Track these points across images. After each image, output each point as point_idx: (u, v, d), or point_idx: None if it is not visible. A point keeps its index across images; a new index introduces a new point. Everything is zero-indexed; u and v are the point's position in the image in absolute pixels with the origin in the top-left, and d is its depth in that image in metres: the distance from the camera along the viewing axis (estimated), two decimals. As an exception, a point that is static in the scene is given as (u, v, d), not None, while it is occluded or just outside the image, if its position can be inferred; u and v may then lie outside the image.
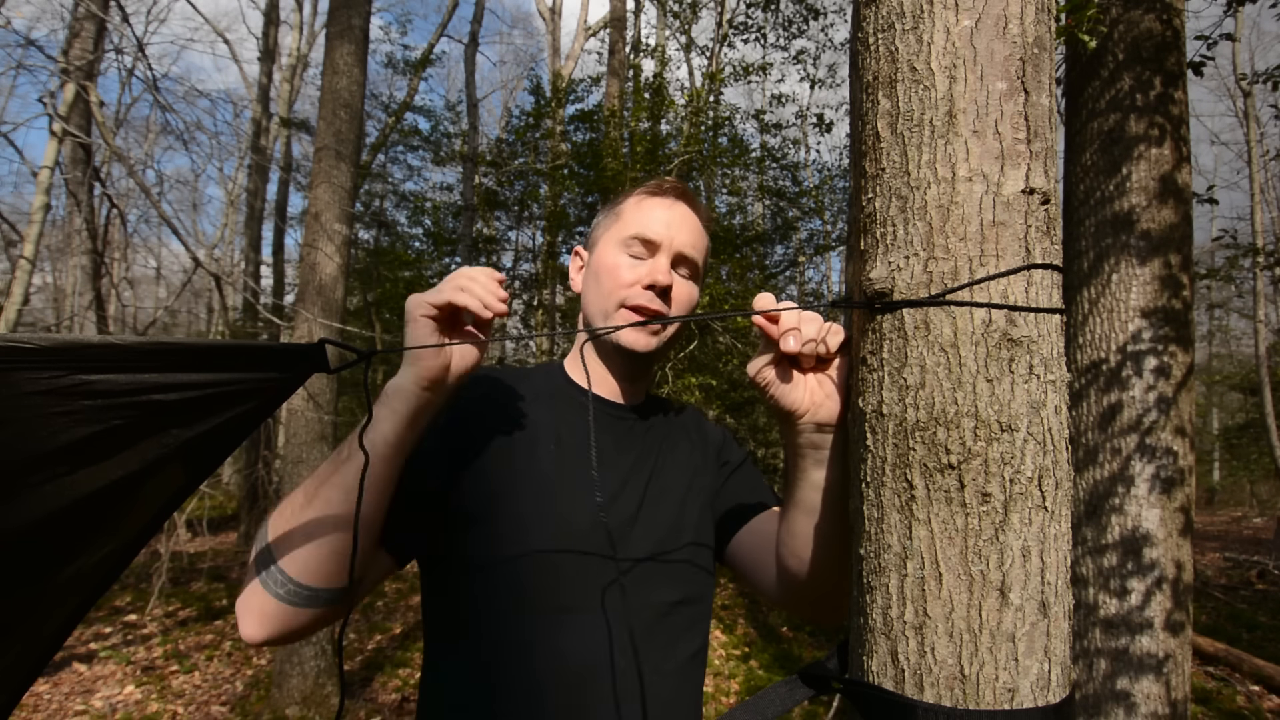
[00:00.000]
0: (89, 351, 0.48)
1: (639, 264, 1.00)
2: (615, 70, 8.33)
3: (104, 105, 5.54)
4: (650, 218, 1.01)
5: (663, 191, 1.05)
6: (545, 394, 1.02)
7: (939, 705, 0.55)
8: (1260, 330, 13.18)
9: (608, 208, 1.10)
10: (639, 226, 1.01)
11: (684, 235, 1.02)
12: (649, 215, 1.01)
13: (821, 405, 0.75)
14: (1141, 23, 2.49)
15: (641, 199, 1.05)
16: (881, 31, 0.61)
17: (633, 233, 1.00)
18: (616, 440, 1.00)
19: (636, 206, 1.04)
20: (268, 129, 11.82)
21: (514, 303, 11.26)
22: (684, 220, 1.03)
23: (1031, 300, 0.57)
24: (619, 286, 0.98)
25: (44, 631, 0.55)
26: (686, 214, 1.04)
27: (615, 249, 1.01)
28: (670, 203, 1.04)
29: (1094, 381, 2.48)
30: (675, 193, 1.06)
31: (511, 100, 21.46)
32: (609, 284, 0.99)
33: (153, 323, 6.95)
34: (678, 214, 1.03)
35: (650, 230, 1.00)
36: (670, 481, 1.01)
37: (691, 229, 1.04)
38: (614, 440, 1.00)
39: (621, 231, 1.02)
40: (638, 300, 0.97)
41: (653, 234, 1.00)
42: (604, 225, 1.07)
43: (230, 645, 5.91)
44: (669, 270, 0.99)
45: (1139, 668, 2.29)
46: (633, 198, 1.06)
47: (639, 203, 1.04)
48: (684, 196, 1.07)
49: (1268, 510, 14.87)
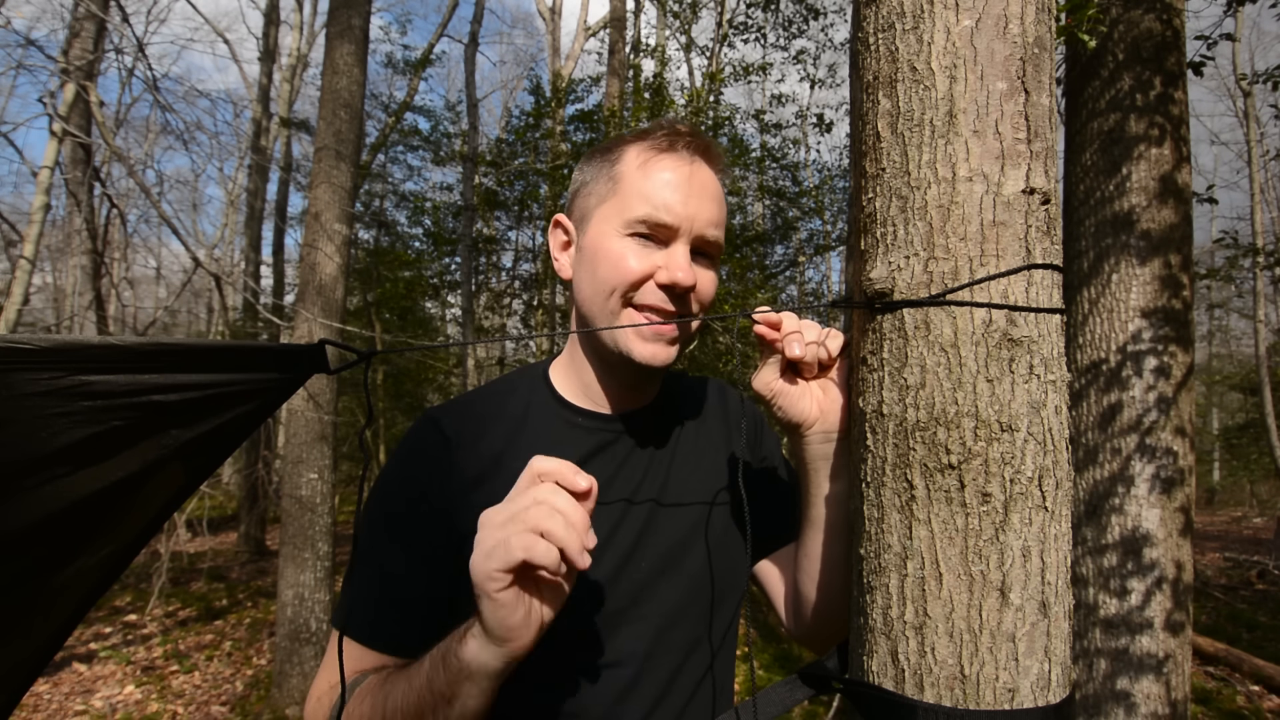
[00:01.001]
0: (89, 352, 0.48)
1: (650, 252, 0.80)
2: (615, 70, 8.33)
3: (104, 105, 5.54)
4: (662, 192, 0.79)
5: (675, 147, 0.82)
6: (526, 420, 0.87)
7: (939, 705, 0.55)
8: (1260, 330, 13.17)
9: (597, 162, 0.86)
10: (648, 206, 0.79)
11: (706, 210, 0.80)
12: (660, 188, 0.79)
13: (830, 412, 0.73)
14: (1141, 23, 2.49)
15: (648, 158, 0.81)
16: (882, 31, 0.61)
17: (640, 215, 0.79)
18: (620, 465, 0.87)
19: (642, 171, 0.81)
20: (268, 129, 11.82)
21: (514, 303, 11.26)
22: (704, 188, 0.81)
23: (1032, 300, 0.57)
24: (625, 281, 0.79)
25: (44, 632, 0.55)
26: (707, 178, 0.82)
27: (616, 230, 0.80)
28: (686, 162, 0.81)
29: (1094, 381, 2.48)
30: (692, 147, 0.83)
31: (511, 100, 21.47)
32: (612, 276, 0.80)
33: (153, 323, 6.95)
34: (697, 181, 0.81)
35: (664, 212, 0.78)
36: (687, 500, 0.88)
37: (714, 197, 0.82)
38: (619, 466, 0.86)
39: (624, 209, 0.80)
40: (650, 300, 0.79)
41: (668, 216, 0.78)
42: (595, 191, 0.84)
43: (230, 645, 5.91)
44: (689, 263, 0.79)
45: (1139, 668, 2.29)
46: (633, 153, 0.83)
47: (645, 165, 0.81)
48: (703, 151, 0.83)
49: (1268, 510, 14.87)
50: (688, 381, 1.01)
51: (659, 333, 0.80)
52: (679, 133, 0.83)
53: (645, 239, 0.80)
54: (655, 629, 0.83)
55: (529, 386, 0.90)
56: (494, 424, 0.86)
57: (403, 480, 0.83)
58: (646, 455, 0.89)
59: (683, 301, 0.81)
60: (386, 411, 11.01)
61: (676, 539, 0.87)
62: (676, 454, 0.91)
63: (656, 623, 0.83)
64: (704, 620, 0.87)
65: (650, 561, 0.84)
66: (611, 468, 0.86)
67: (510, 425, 0.86)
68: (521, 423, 0.86)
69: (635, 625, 0.82)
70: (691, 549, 0.87)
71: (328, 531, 4.68)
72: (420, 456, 0.83)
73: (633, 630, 0.82)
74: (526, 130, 10.24)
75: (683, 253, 0.79)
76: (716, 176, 0.85)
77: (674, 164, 0.81)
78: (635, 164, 0.82)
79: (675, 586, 0.85)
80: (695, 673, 0.86)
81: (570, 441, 0.86)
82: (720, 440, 0.96)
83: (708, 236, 0.81)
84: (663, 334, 0.80)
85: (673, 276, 0.78)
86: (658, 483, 0.88)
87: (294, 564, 4.55)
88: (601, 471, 0.84)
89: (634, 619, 0.82)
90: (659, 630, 0.83)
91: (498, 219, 11.41)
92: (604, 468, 0.85)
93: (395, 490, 0.83)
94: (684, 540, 0.87)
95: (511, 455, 0.82)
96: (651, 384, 0.91)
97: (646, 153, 0.82)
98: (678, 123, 0.85)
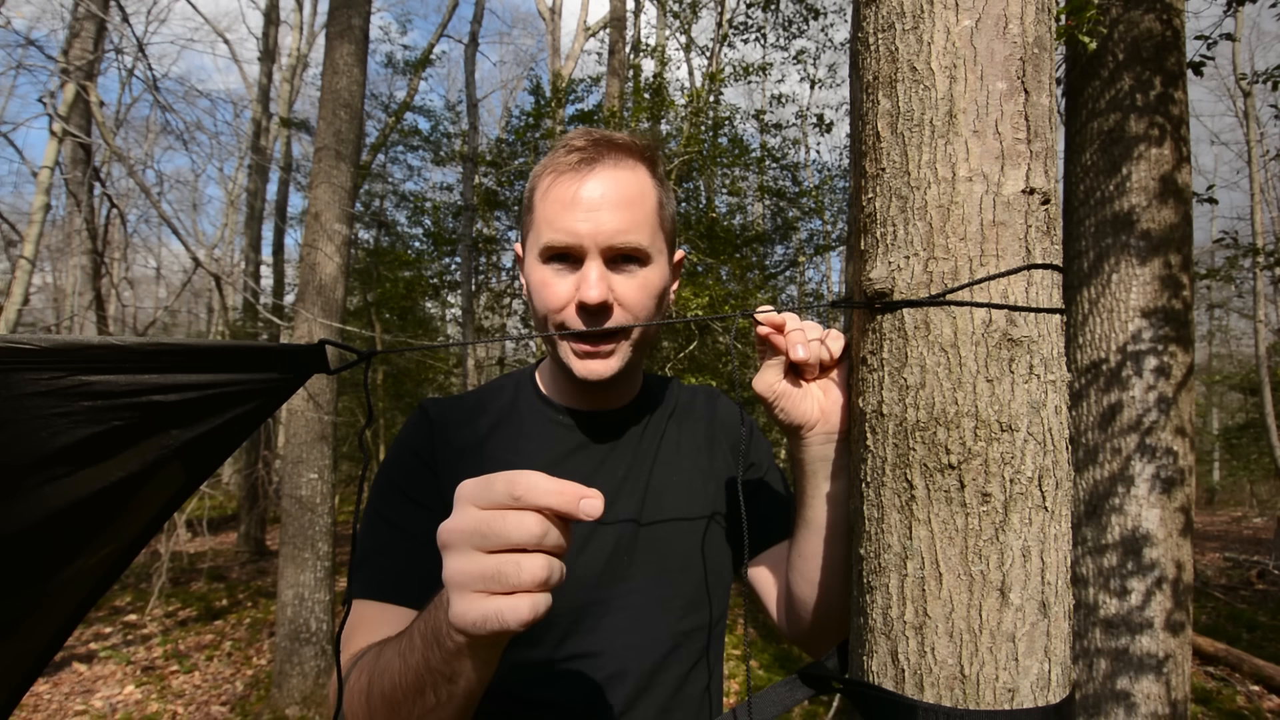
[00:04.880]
0: (89, 352, 0.48)
1: (567, 276, 0.81)
2: (615, 70, 8.33)
3: (104, 105, 5.54)
4: (560, 217, 0.79)
5: (573, 164, 0.80)
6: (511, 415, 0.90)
7: (939, 705, 0.55)
8: (1260, 330, 13.18)
9: (528, 188, 0.87)
10: (550, 232, 0.79)
11: (610, 220, 0.78)
12: (558, 212, 0.79)
13: (831, 413, 0.73)
14: (1141, 23, 2.49)
15: (549, 183, 0.81)
16: (881, 31, 0.61)
17: (544, 242, 0.80)
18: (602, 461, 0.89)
19: (545, 198, 0.81)
20: (268, 129, 11.82)
21: (514, 303, 11.26)
22: (606, 195, 0.79)
23: (1031, 300, 0.57)
24: (551, 310, 0.81)
25: (44, 632, 0.55)
26: (609, 183, 0.80)
27: (536, 260, 0.82)
28: (583, 175, 0.79)
29: (1094, 381, 2.48)
30: (588, 154, 0.80)
31: (511, 100, 21.48)
32: (540, 306, 0.82)
33: (153, 323, 6.95)
34: (597, 191, 0.79)
35: (564, 234, 0.78)
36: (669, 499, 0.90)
37: (620, 200, 0.79)
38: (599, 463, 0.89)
39: (537, 239, 0.81)
40: (573, 324, 0.80)
41: (569, 238, 0.78)
42: (523, 221, 0.87)
43: (230, 645, 5.91)
44: (600, 278, 0.79)
45: (1139, 668, 2.29)
46: (541, 179, 0.83)
47: (546, 191, 0.81)
48: (602, 151, 0.81)
49: (1268, 510, 14.87)
50: (677, 385, 1.03)
51: (589, 351, 0.81)
52: (573, 146, 0.82)
53: (561, 262, 0.81)
54: (637, 624, 0.85)
55: (515, 385, 0.95)
56: (481, 416, 0.90)
57: (407, 451, 0.87)
58: (629, 453, 0.91)
59: (600, 316, 0.80)
60: (386, 411, 11.01)
61: (658, 535, 0.88)
62: (660, 452, 0.93)
63: (638, 617, 0.85)
64: (687, 617, 0.89)
65: (632, 556, 0.86)
66: (593, 464, 0.89)
67: (496, 418, 0.90)
68: (507, 416, 0.91)
69: (616, 619, 0.84)
70: (674, 545, 0.89)
71: (328, 531, 4.68)
72: (418, 431, 0.88)
73: (614, 624, 0.84)
74: (526, 130, 10.24)
75: (594, 269, 0.79)
76: (626, 174, 0.81)
77: (569, 183, 0.79)
78: (541, 191, 0.82)
79: (658, 582, 0.87)
80: (679, 669, 0.87)
81: (553, 437, 0.89)
82: (704, 441, 0.97)
83: (615, 245, 0.79)
84: (593, 351, 0.81)
85: (584, 296, 0.78)
86: (640, 480, 0.90)
87: (294, 564, 4.55)
88: (583, 467, 0.88)
89: (615, 613, 0.84)
90: (641, 625, 0.85)
91: (498, 219, 11.41)
92: (586, 464, 0.89)
93: (402, 461, 0.87)
94: (666, 536, 0.89)
95: (495, 444, 0.87)
96: (616, 388, 0.91)
97: (548, 177, 0.82)
98: (577, 134, 0.84)
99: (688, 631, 0.88)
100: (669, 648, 0.86)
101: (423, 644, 0.59)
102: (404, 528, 0.82)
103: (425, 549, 0.79)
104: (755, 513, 0.92)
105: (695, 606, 0.89)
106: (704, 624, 0.90)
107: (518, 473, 0.51)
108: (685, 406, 1.00)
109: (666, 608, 0.87)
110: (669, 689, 0.86)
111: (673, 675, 0.86)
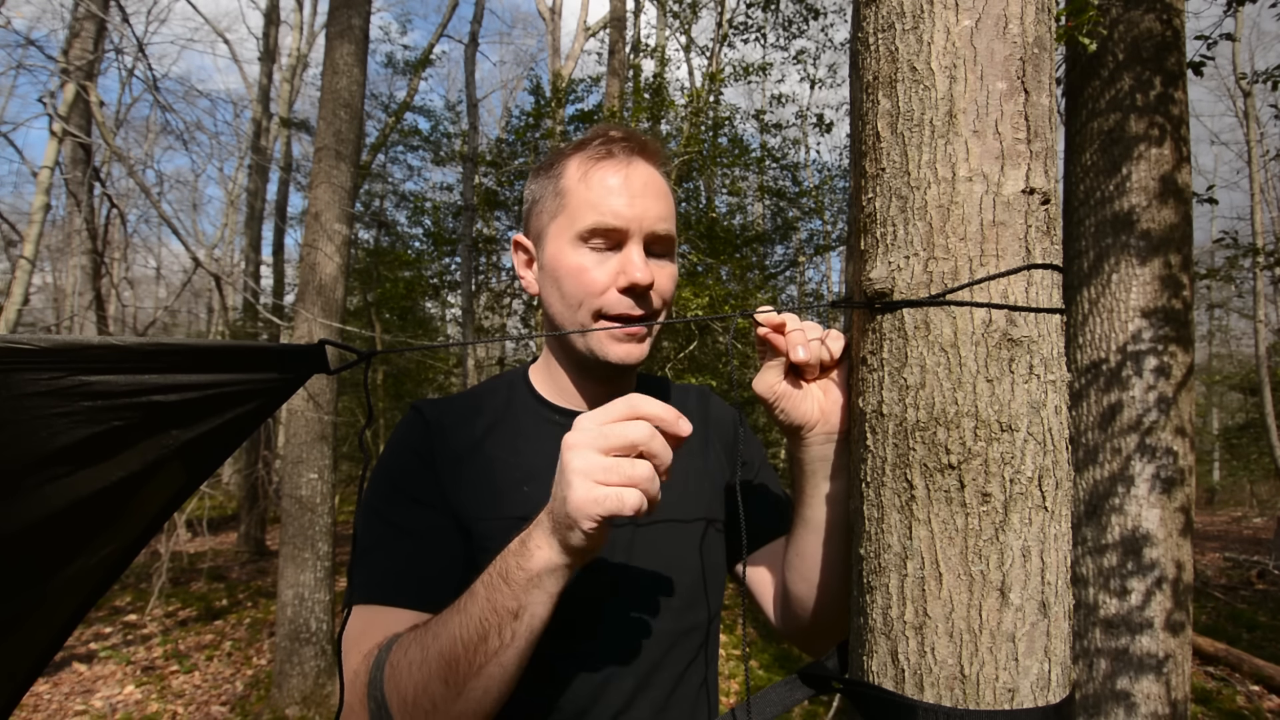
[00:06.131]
0: (89, 352, 0.48)
1: (606, 259, 0.82)
2: (615, 70, 8.32)
3: (104, 105, 5.54)
4: (607, 199, 0.81)
5: (612, 153, 0.83)
6: (505, 415, 0.90)
7: (939, 705, 0.55)
8: (1260, 330, 13.18)
9: (543, 179, 0.88)
10: (595, 214, 0.81)
11: (653, 207, 0.82)
12: (604, 194, 0.81)
13: (831, 413, 0.73)
14: (1141, 23, 2.49)
15: (588, 167, 0.83)
16: (881, 31, 0.61)
17: (589, 224, 0.81)
18: None
19: (584, 182, 0.83)
20: (268, 129, 11.82)
21: (514, 303, 11.26)
22: (647, 185, 0.83)
23: (1031, 300, 0.57)
24: (590, 294, 0.82)
25: (44, 632, 0.55)
26: (649, 175, 0.84)
27: (571, 244, 0.83)
28: (625, 164, 0.83)
29: (1094, 381, 2.48)
30: (628, 147, 0.84)
31: (511, 100, 21.47)
32: (576, 291, 0.82)
33: (153, 323, 6.95)
34: (638, 179, 0.82)
35: (611, 217, 0.81)
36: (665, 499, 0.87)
37: (658, 192, 0.84)
38: None
39: (574, 221, 0.82)
40: (618, 309, 0.82)
41: (616, 220, 0.81)
42: (546, 208, 0.87)
43: (230, 645, 5.91)
44: (645, 262, 0.82)
45: (1139, 668, 2.29)
46: (574, 164, 0.85)
47: (586, 175, 0.83)
48: (640, 149, 0.85)
49: (1268, 510, 14.87)
50: (670, 385, 1.05)
51: (629, 334, 0.84)
52: (613, 138, 0.85)
53: (599, 246, 0.83)
54: (634, 623, 0.85)
55: (509, 386, 0.95)
56: (476, 416, 0.90)
57: (406, 451, 0.87)
58: None
59: (645, 299, 0.83)
60: (386, 411, 11.01)
61: (655, 534, 0.89)
62: None
63: (635, 617, 0.85)
64: (684, 615, 0.89)
65: (628, 553, 0.86)
66: None
67: (490, 418, 0.90)
68: (503, 417, 0.90)
69: (613, 618, 0.85)
70: (670, 545, 0.89)
71: (328, 531, 4.68)
72: (416, 432, 0.88)
73: (611, 623, 0.84)
74: (526, 130, 10.24)
75: (637, 253, 0.82)
76: (657, 171, 0.86)
77: (613, 168, 0.83)
78: (577, 176, 0.84)
79: (655, 581, 0.87)
80: (676, 667, 0.87)
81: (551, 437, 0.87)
82: (698, 441, 0.98)
83: (658, 232, 0.83)
84: (633, 334, 0.84)
85: (632, 278, 0.81)
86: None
87: (294, 564, 4.55)
88: None
89: (612, 610, 0.85)
90: (638, 624, 0.85)
91: (498, 219, 11.41)
92: None
93: (402, 461, 0.86)
94: (663, 536, 0.89)
95: (493, 444, 0.87)
96: (625, 381, 0.94)
97: (586, 163, 0.84)
98: (611, 128, 0.87)
99: (684, 630, 0.89)
100: (666, 646, 0.87)
101: (486, 591, 0.65)
102: (410, 529, 0.81)
103: (430, 548, 0.80)
104: (752, 512, 0.93)
105: (692, 605, 0.90)
106: (700, 622, 0.91)
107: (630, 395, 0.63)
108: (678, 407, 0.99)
109: (664, 607, 0.88)
110: (666, 687, 0.86)
111: (670, 673, 0.87)
